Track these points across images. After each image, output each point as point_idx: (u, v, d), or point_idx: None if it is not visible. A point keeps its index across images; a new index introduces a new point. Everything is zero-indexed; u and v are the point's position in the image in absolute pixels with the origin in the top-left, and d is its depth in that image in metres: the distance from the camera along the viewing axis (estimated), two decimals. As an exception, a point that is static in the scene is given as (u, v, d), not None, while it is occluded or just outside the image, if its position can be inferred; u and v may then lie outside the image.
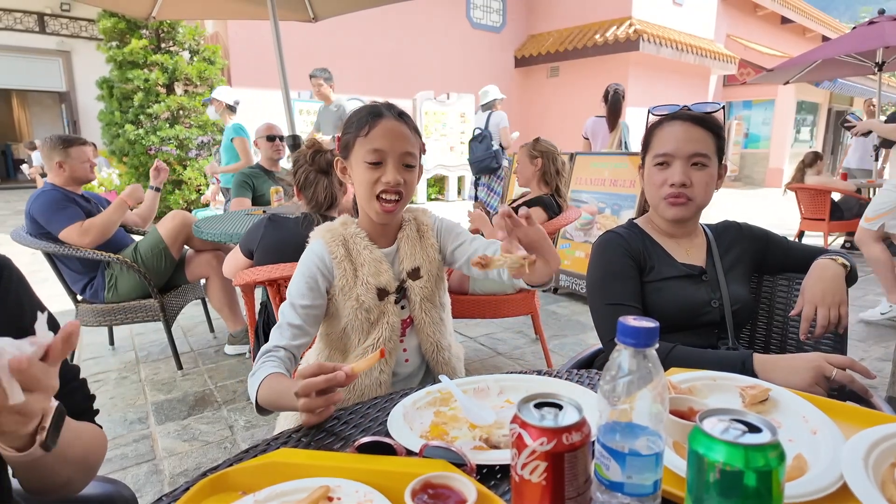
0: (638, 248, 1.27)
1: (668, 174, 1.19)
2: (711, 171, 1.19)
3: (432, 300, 1.22)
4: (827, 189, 5.44)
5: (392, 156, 1.09)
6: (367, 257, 1.15)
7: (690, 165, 1.18)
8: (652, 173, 1.23)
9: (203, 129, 7.76)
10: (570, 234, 4.23)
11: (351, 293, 1.13)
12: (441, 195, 10.88)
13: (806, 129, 16.07)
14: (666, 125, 1.23)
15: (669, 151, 1.19)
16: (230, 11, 4.36)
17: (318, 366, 0.81)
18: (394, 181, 1.08)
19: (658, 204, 1.24)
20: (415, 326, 1.22)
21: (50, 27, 9.68)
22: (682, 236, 1.30)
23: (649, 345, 0.52)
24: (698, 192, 1.19)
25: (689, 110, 1.23)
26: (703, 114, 1.22)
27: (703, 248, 1.30)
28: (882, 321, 3.56)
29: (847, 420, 0.69)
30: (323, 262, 1.13)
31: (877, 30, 5.30)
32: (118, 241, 2.74)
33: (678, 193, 1.18)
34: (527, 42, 12.98)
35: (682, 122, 1.20)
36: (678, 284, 1.23)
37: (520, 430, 0.51)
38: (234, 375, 2.76)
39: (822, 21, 17.38)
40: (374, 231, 1.18)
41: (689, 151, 1.17)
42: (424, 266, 1.20)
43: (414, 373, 1.26)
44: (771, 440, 0.44)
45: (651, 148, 1.25)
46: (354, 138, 1.10)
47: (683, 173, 1.17)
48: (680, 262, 1.26)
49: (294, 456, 0.68)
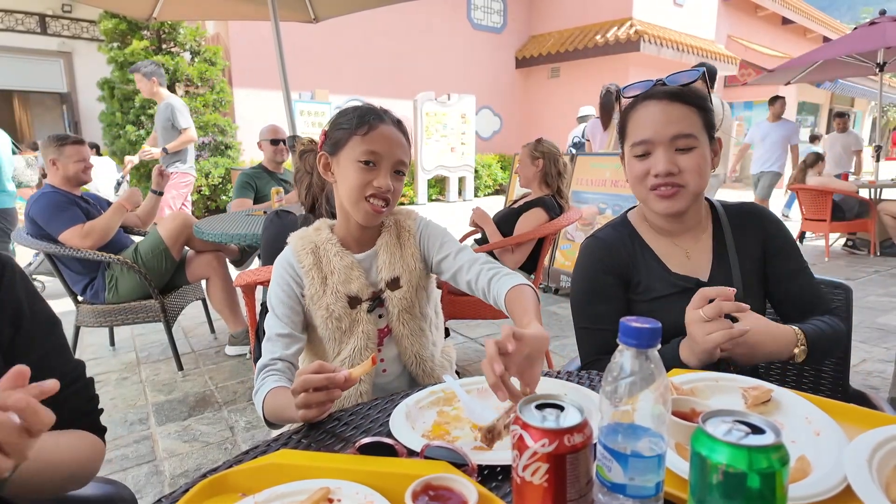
0: (623, 258, 1.11)
1: (650, 163, 1.02)
2: (701, 151, 1.01)
3: (412, 311, 1.17)
4: (828, 190, 5.43)
5: (387, 161, 1.07)
6: (337, 264, 1.11)
7: (675, 150, 1.00)
8: (632, 165, 1.06)
9: (204, 130, 7.76)
10: (571, 234, 4.23)
11: (320, 302, 1.11)
12: (442, 196, 10.88)
13: (807, 130, 16.06)
14: (640, 107, 1.05)
15: (648, 138, 1.01)
16: (231, 12, 4.36)
17: (318, 365, 0.81)
18: (385, 187, 1.06)
19: (646, 198, 1.06)
20: (393, 337, 1.18)
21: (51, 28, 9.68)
22: (681, 233, 1.11)
23: (651, 346, 0.52)
24: (690, 177, 1.00)
25: (664, 84, 1.05)
26: (681, 87, 1.03)
27: (709, 246, 1.10)
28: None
29: (850, 421, 0.68)
30: (293, 268, 1.12)
31: (878, 30, 5.31)
32: (118, 242, 2.75)
33: (665, 184, 1.01)
34: (528, 43, 12.99)
35: (658, 101, 1.02)
36: (671, 304, 1.03)
37: (521, 432, 0.51)
38: (234, 376, 2.76)
39: (823, 22, 17.38)
40: (349, 235, 1.15)
41: (670, 134, 0.99)
42: (404, 276, 1.15)
43: (394, 383, 1.22)
44: (774, 442, 0.44)
45: (627, 136, 1.07)
46: (350, 135, 1.07)
47: (668, 160, 1.00)
48: (675, 273, 1.08)
49: (294, 457, 0.67)
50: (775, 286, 1.10)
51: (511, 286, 1.03)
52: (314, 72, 9.65)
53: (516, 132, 12.82)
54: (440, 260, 1.18)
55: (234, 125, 8.28)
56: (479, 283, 1.11)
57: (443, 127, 10.32)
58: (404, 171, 1.11)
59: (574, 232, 4.21)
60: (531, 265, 2.70)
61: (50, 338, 0.81)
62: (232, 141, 8.15)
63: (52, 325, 0.82)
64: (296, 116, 3.62)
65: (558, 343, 3.23)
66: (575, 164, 4.34)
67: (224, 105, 8.10)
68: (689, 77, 1.03)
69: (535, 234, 2.54)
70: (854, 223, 5.63)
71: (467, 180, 10.97)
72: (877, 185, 5.63)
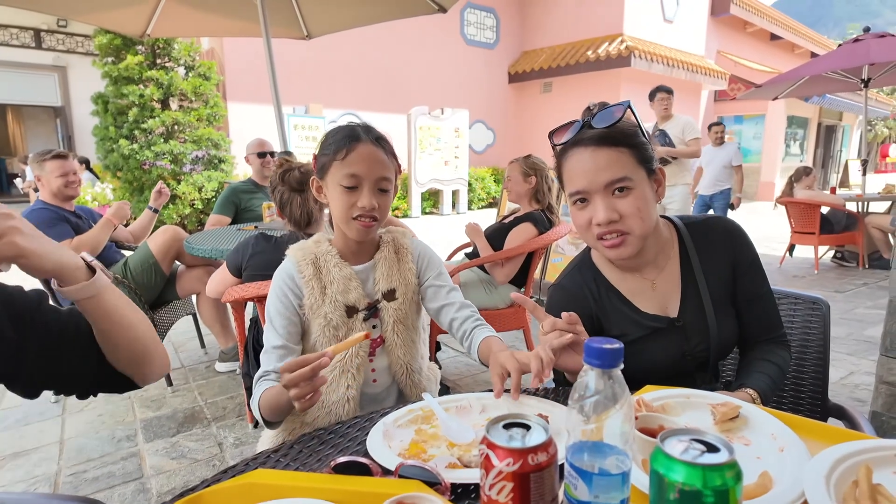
0: (590, 308, 1.08)
1: (590, 212, 0.99)
2: (639, 191, 0.97)
3: (406, 323, 1.22)
4: (816, 203, 5.50)
5: (368, 181, 1.10)
6: (336, 275, 1.15)
7: (612, 195, 0.97)
8: (575, 214, 1.03)
9: (198, 144, 7.78)
10: (561, 247, 4.26)
11: (319, 311, 1.14)
12: (436, 209, 10.92)
13: (796, 144, 16.27)
14: (571, 154, 1.01)
15: (583, 188, 0.98)
16: (224, 29, 4.40)
17: (302, 359, 0.87)
18: (369, 206, 1.09)
19: (595, 246, 1.04)
20: (385, 347, 1.21)
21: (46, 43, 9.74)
22: (644, 266, 1.08)
23: (614, 366, 0.53)
24: (632, 222, 0.97)
25: (590, 127, 0.99)
26: (606, 128, 0.97)
27: (676, 274, 1.08)
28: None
29: (814, 437, 0.70)
30: (292, 279, 1.15)
31: (862, 47, 5.41)
32: (107, 257, 2.75)
33: (609, 232, 0.98)
34: (520, 58, 13.15)
35: (586, 148, 0.98)
36: (645, 345, 1.05)
37: (487, 451, 0.52)
38: (224, 392, 2.75)
39: (810, 38, 17.70)
40: (347, 249, 1.19)
41: (603, 182, 0.96)
42: (400, 288, 1.20)
43: (383, 394, 1.25)
44: (728, 460, 0.45)
45: (565, 185, 1.04)
46: (331, 161, 1.11)
47: (606, 208, 0.96)
48: (644, 313, 1.06)
49: (270, 477, 0.68)
50: (741, 306, 1.10)
51: (490, 335, 1.14)
52: (308, 86, 9.72)
53: (510, 146, 12.92)
54: (433, 288, 1.24)
55: (228, 139, 8.31)
56: (464, 325, 1.20)
57: (436, 141, 10.39)
58: (387, 186, 1.14)
59: (565, 245, 4.24)
60: (521, 279, 2.71)
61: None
62: (225, 155, 8.17)
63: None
64: (290, 131, 3.64)
65: (549, 357, 3.24)
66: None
67: (218, 119, 8.14)
68: (613, 116, 0.97)
69: (524, 248, 2.56)
70: (842, 236, 5.69)
71: (461, 193, 11.03)
72: (864, 199, 5.71)
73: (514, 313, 2.69)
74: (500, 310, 2.69)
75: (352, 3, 3.82)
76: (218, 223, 3.32)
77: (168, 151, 7.45)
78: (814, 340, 1.30)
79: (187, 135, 7.78)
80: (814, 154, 17.25)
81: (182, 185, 7.52)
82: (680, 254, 1.09)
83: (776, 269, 5.85)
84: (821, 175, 16.74)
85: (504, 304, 2.71)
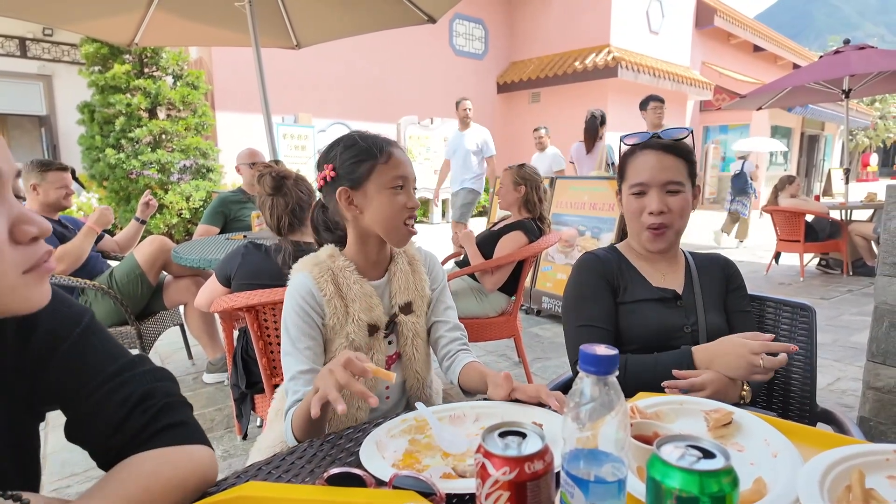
0: (613, 269, 1.29)
1: (645, 202, 1.22)
2: (686, 195, 1.22)
3: (423, 336, 1.21)
4: (801, 211, 5.58)
5: (411, 181, 1.13)
6: (357, 292, 1.11)
7: (666, 192, 1.21)
8: (630, 202, 1.26)
9: (186, 154, 7.73)
10: (551, 256, 4.27)
11: (342, 331, 1.10)
12: (426, 217, 10.92)
13: (780, 153, 16.52)
14: (639, 154, 1.25)
15: (645, 181, 1.22)
16: (213, 38, 4.39)
17: (346, 360, 0.84)
18: (416, 204, 1.12)
19: (640, 233, 1.26)
20: (402, 362, 1.19)
21: (31, 51, 9.64)
22: (660, 261, 1.32)
23: (610, 372, 0.53)
24: (675, 218, 1.22)
25: (659, 138, 1.25)
26: (673, 141, 1.24)
27: (681, 273, 1.31)
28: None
29: (807, 443, 0.70)
30: (313, 298, 1.09)
31: (842, 59, 5.52)
32: (94, 267, 2.70)
33: (658, 224, 1.21)
34: (508, 69, 13.26)
35: (654, 151, 1.23)
36: (651, 307, 1.24)
37: (483, 460, 0.52)
38: (212, 403, 2.71)
39: (792, 49, 18.07)
40: (363, 263, 1.15)
41: (663, 179, 1.20)
42: (417, 301, 1.19)
43: (391, 410, 1.21)
44: (724, 466, 0.46)
45: (627, 177, 1.28)
46: (373, 166, 1.08)
47: (660, 201, 1.20)
48: (654, 286, 1.27)
49: (262, 489, 0.67)
50: (728, 315, 1.29)
51: (475, 360, 1.17)
52: (298, 96, 9.71)
53: (498, 156, 12.89)
54: (435, 301, 1.25)
55: (217, 148, 8.26)
56: (450, 345, 1.22)
57: (426, 150, 10.42)
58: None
59: (555, 254, 4.25)
60: (512, 287, 2.72)
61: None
62: (214, 164, 8.12)
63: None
64: (279, 140, 3.64)
65: (541, 365, 3.24)
66: (555, 187, 4.42)
67: (206, 128, 8.09)
68: (680, 134, 1.25)
69: (514, 256, 2.57)
70: (827, 244, 5.78)
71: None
72: (847, 207, 5.81)
73: (506, 322, 2.69)
74: (490, 318, 2.69)
75: (341, 13, 3.83)
76: (206, 233, 3.29)
77: (155, 161, 7.39)
78: (801, 345, 1.32)
79: (175, 144, 7.72)
80: (797, 163, 17.54)
81: (169, 195, 7.45)
82: (685, 266, 1.33)
83: (763, 276, 5.91)
84: (804, 184, 17.01)
85: (495, 313, 2.71)
